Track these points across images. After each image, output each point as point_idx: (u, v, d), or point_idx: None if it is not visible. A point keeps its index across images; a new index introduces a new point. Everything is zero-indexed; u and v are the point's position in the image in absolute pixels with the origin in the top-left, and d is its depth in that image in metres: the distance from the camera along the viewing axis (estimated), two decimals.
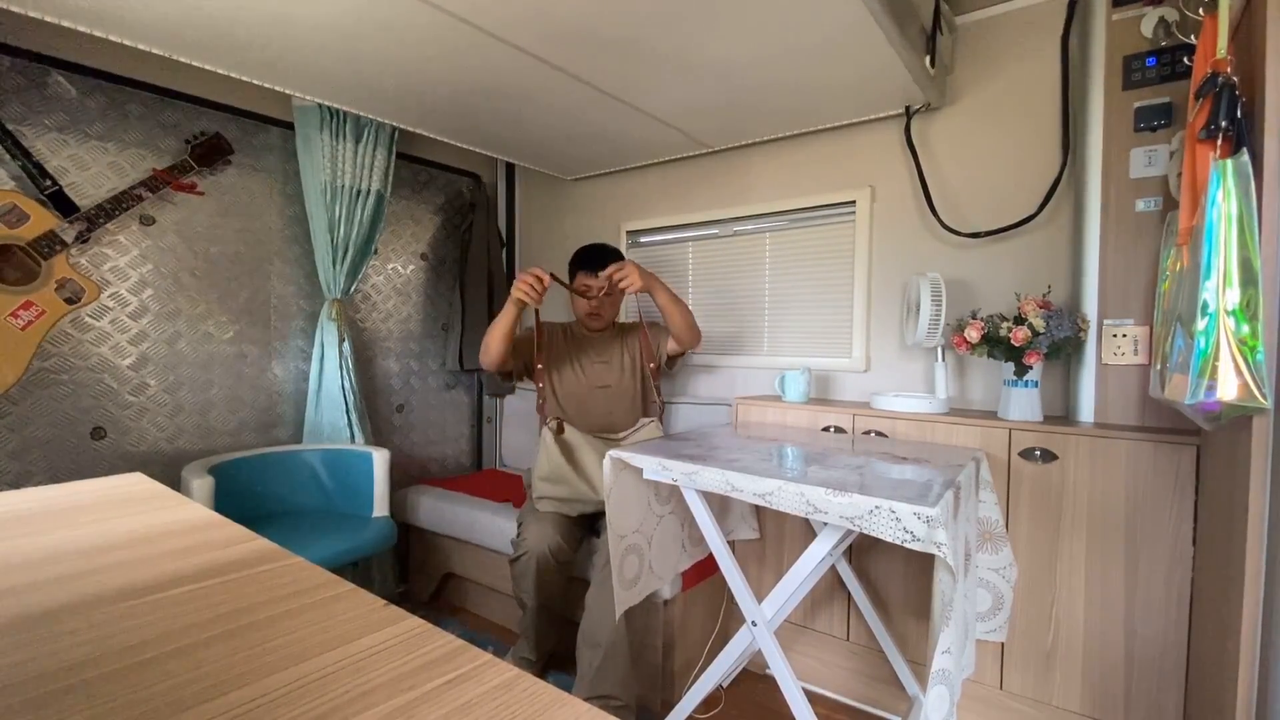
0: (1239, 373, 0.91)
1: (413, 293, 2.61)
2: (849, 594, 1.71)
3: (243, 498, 1.88)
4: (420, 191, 2.63)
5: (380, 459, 2.02)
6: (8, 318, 1.54)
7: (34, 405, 1.66)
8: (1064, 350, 1.52)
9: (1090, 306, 1.53)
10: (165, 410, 1.90)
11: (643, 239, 2.58)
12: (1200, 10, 1.14)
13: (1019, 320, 1.53)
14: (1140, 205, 1.46)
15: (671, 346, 1.95)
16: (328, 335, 2.16)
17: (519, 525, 1.79)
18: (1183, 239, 1.12)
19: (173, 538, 0.69)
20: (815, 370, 2.09)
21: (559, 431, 1.78)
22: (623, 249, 2.57)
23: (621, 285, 1.77)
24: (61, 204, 1.65)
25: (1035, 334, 1.49)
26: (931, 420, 1.62)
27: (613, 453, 1.36)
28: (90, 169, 1.73)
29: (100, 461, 1.78)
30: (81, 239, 1.67)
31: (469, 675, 0.42)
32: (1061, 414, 1.66)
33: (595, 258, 1.93)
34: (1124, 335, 1.49)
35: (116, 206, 1.73)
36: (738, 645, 1.33)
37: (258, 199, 2.10)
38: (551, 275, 1.70)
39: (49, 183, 1.63)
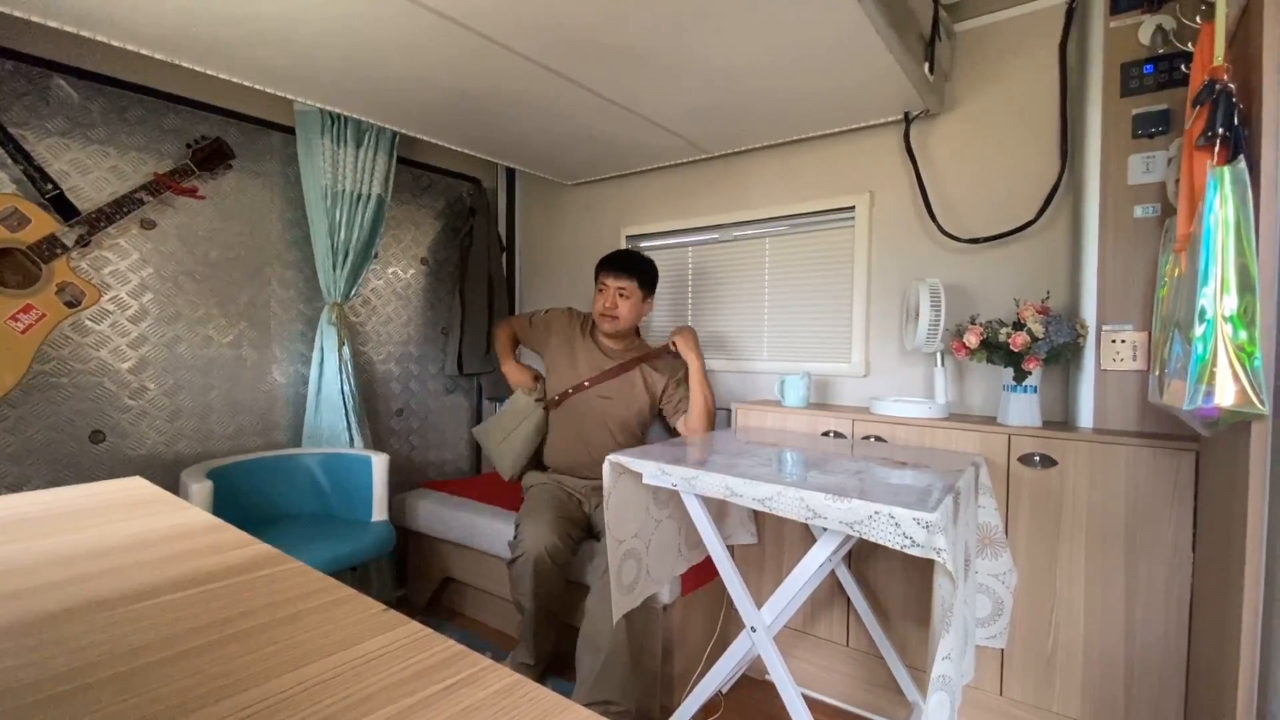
0: (1237, 379, 0.91)
1: (413, 297, 2.62)
2: (849, 599, 1.71)
3: (242, 502, 1.87)
4: (421, 196, 2.63)
5: (379, 463, 2.02)
6: (8, 321, 1.54)
7: (33, 409, 1.66)
8: (1063, 356, 1.52)
9: (1089, 312, 1.54)
10: (164, 414, 1.90)
11: (642, 244, 2.58)
12: (1197, 18, 1.15)
13: (1018, 326, 1.53)
14: (1138, 211, 1.47)
15: (680, 426, 2.03)
16: (327, 339, 2.16)
17: (516, 527, 1.79)
18: (1180, 245, 1.13)
19: (173, 542, 0.69)
20: (815, 375, 2.10)
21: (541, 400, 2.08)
22: None
23: (674, 342, 2.04)
24: (62, 208, 1.65)
25: (1034, 339, 1.49)
26: (931, 425, 1.62)
27: (612, 457, 1.36)
28: (91, 173, 1.73)
29: (99, 465, 1.77)
30: (82, 243, 1.67)
31: (469, 680, 0.42)
32: (1060, 419, 1.66)
33: (618, 261, 2.06)
34: (1123, 341, 1.49)
35: (117, 210, 1.73)
36: (737, 650, 1.33)
37: (258, 203, 2.10)
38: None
39: (50, 186, 1.63)
